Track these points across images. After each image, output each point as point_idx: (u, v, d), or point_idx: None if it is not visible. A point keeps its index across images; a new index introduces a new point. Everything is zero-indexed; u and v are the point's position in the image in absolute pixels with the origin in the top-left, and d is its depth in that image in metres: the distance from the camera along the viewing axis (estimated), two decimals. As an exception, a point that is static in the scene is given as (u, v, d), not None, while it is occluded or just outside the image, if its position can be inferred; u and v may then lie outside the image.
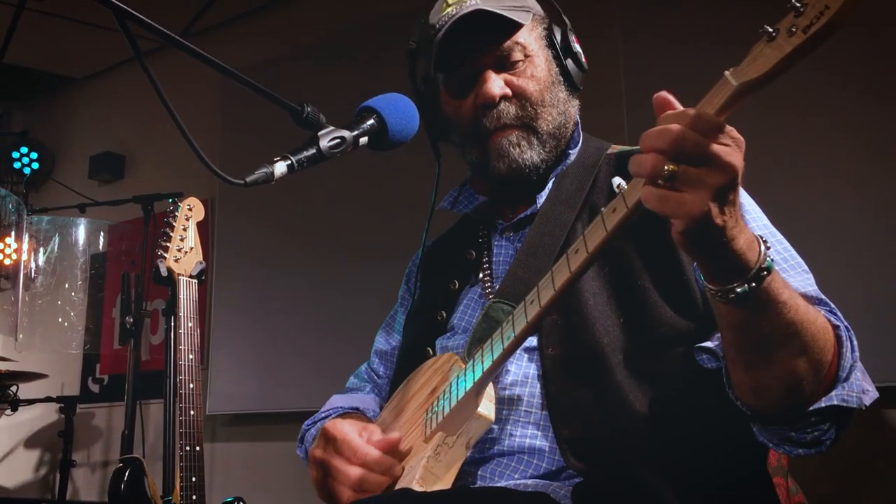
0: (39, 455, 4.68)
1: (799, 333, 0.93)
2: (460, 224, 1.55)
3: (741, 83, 0.80)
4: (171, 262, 2.23)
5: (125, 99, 4.84)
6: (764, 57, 0.79)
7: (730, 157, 0.82)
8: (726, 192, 0.82)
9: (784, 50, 0.77)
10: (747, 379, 0.99)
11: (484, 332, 1.21)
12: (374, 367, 1.59)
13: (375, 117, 1.22)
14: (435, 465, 1.12)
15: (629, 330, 1.18)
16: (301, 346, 3.71)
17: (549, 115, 1.33)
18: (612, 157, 1.37)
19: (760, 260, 0.88)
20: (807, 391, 0.96)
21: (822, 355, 0.96)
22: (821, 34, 0.75)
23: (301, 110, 1.15)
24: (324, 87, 3.66)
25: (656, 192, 0.83)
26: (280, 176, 1.11)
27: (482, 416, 1.10)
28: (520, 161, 1.32)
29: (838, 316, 1.04)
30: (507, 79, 1.32)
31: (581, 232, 1.26)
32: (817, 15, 0.75)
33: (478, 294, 1.37)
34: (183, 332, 2.12)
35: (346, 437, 1.18)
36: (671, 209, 0.82)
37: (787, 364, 0.95)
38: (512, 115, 1.31)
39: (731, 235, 0.85)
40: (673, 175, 0.81)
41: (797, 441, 1.00)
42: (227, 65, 1.07)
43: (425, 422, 1.20)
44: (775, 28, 0.79)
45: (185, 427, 2.02)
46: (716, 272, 0.90)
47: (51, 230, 4.17)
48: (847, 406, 0.96)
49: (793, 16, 0.77)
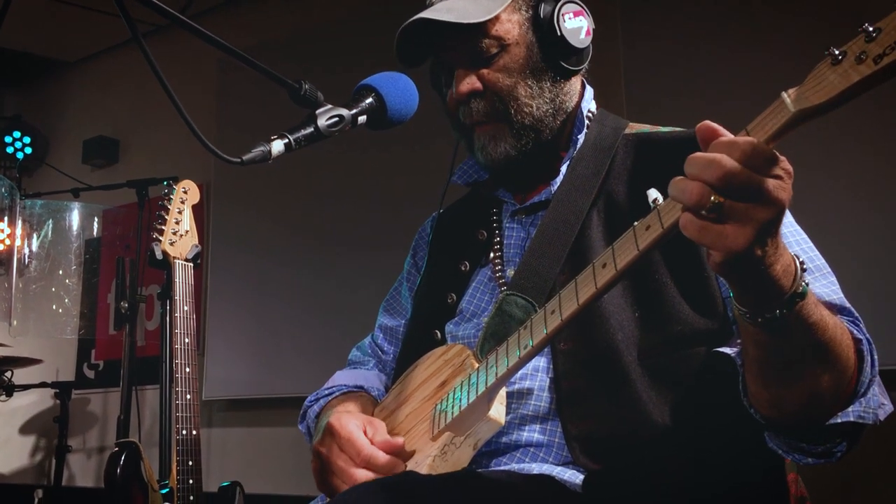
0: (35, 441, 4.67)
1: (825, 354, 0.91)
2: (471, 198, 1.51)
3: (800, 110, 0.74)
4: (167, 246, 2.21)
5: (119, 83, 4.81)
6: (828, 83, 0.72)
7: (779, 193, 0.77)
8: (771, 226, 0.79)
9: (851, 79, 0.70)
10: (766, 393, 0.97)
11: (497, 328, 1.19)
12: (378, 342, 1.57)
13: (374, 96, 1.20)
14: (441, 464, 1.11)
15: (644, 326, 1.15)
16: (297, 331, 3.70)
17: (525, 107, 1.28)
18: (630, 139, 1.32)
19: (795, 285, 0.84)
20: (825, 408, 0.95)
21: (845, 373, 0.94)
22: (894, 67, 0.67)
23: (299, 87, 1.13)
24: (323, 70, 3.64)
25: (697, 223, 0.78)
26: (277, 154, 1.09)
27: (492, 419, 1.08)
28: (493, 155, 1.30)
29: (860, 328, 1.02)
30: (479, 72, 1.28)
31: (596, 220, 1.24)
32: (891, 45, 0.67)
33: (487, 277, 1.35)
34: (179, 316, 2.10)
35: (351, 436, 1.16)
36: (711, 241, 0.79)
37: (809, 382, 0.93)
38: (482, 112, 1.29)
39: (769, 262, 0.81)
40: (718, 208, 0.77)
41: (807, 451, 0.99)
42: (221, 56, 1.05)
43: (433, 418, 1.17)
44: (842, 51, 0.71)
45: (181, 411, 2.01)
46: (748, 296, 0.86)
47: (44, 215, 4.14)
48: (862, 422, 0.95)
49: (863, 40, 0.69)
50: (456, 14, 1.24)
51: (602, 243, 1.23)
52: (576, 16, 1.30)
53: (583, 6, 1.32)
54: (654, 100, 2.84)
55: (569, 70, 1.31)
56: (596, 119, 1.37)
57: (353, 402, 1.36)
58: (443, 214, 1.55)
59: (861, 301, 2.20)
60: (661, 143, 1.30)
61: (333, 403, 1.39)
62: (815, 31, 2.52)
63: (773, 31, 2.61)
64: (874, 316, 2.20)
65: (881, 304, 2.29)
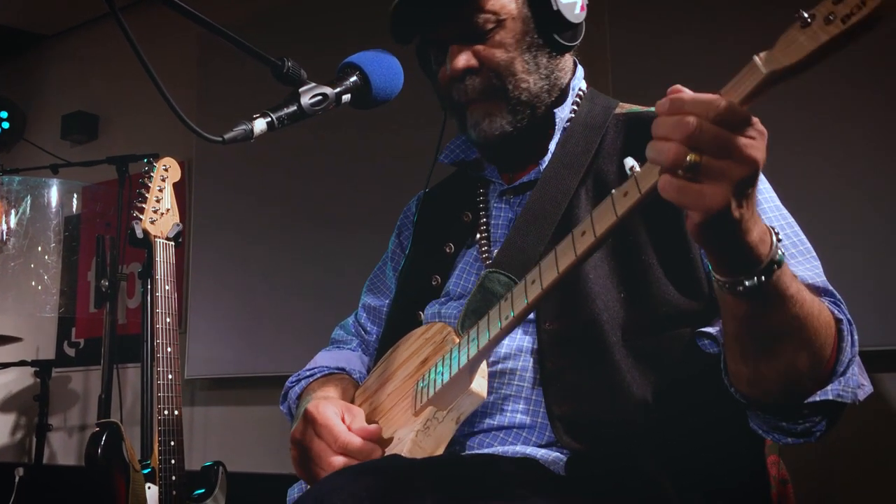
0: (15, 419, 4.64)
1: (802, 328, 0.92)
2: (457, 177, 1.50)
3: (771, 71, 0.75)
4: (147, 224, 2.18)
5: (98, 57, 4.72)
6: (797, 44, 0.73)
7: (753, 151, 0.79)
8: (747, 185, 0.80)
9: (819, 39, 0.72)
10: (745, 370, 0.98)
11: (479, 304, 1.19)
12: (361, 322, 1.56)
13: (358, 74, 1.19)
14: (424, 438, 1.11)
15: (630, 306, 1.15)
16: (280, 310, 3.68)
17: (522, 83, 1.27)
18: (620, 119, 1.32)
19: (772, 253, 0.86)
20: (804, 385, 0.96)
21: (823, 350, 0.95)
22: (860, 25, 0.69)
23: (282, 65, 1.11)
24: (307, 46, 3.60)
25: (675, 183, 0.80)
26: (259, 133, 1.08)
27: (474, 392, 1.08)
28: (489, 131, 1.28)
29: (842, 308, 1.03)
30: (475, 48, 1.27)
31: (584, 198, 1.24)
32: (858, 4, 0.69)
33: (473, 258, 1.34)
34: (160, 296, 2.08)
35: (328, 423, 1.16)
36: (690, 201, 0.80)
37: (787, 358, 0.94)
38: (478, 89, 1.27)
39: (746, 228, 0.83)
40: (695, 166, 0.78)
41: (787, 430, 1.00)
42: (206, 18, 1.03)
43: (415, 394, 1.17)
44: (811, 13, 0.73)
45: (163, 391, 1.99)
46: (726, 264, 0.88)
47: (22, 191, 4.07)
48: (841, 401, 0.96)
49: (831, 1, 0.71)
50: None
51: None
52: None
53: None
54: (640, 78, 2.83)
55: (564, 45, 1.30)
56: (586, 98, 1.36)
57: (334, 385, 1.36)
58: (428, 194, 1.54)
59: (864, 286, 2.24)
60: (651, 122, 1.29)
61: (314, 387, 1.39)
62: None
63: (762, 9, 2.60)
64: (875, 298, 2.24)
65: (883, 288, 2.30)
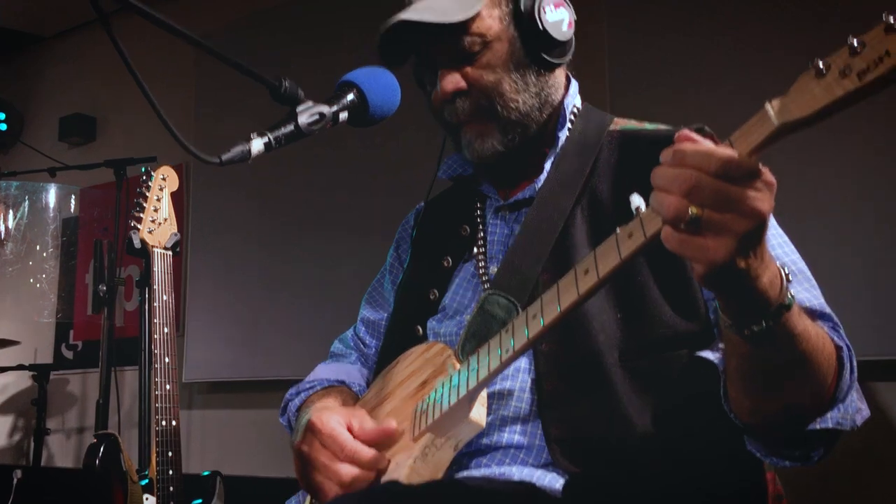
0: (13, 421, 4.64)
1: (807, 364, 0.91)
2: (455, 191, 1.50)
3: (784, 122, 0.72)
4: (145, 234, 2.18)
5: (96, 58, 4.70)
6: (811, 95, 0.70)
7: (759, 204, 0.75)
8: (752, 237, 0.77)
9: (834, 93, 0.69)
10: (747, 401, 0.98)
11: (479, 328, 1.19)
12: (360, 335, 1.56)
13: (356, 92, 1.18)
14: (422, 465, 1.10)
15: (626, 327, 1.14)
16: (277, 314, 3.68)
17: (511, 102, 1.27)
18: (614, 136, 1.31)
19: (781, 296, 0.84)
20: (805, 415, 0.96)
21: (825, 382, 0.95)
22: (878, 84, 0.66)
23: (279, 85, 1.10)
24: (306, 47, 3.60)
25: (677, 236, 0.77)
26: (257, 154, 1.08)
27: (473, 421, 1.08)
28: (481, 151, 1.29)
29: (841, 334, 1.03)
30: (463, 70, 1.27)
31: (580, 218, 1.24)
32: (876, 60, 0.66)
33: (470, 273, 1.34)
34: (157, 306, 2.08)
35: (333, 432, 1.16)
36: (692, 254, 0.78)
37: (791, 392, 0.94)
38: (468, 111, 1.27)
39: (754, 275, 0.80)
40: (696, 221, 0.76)
41: (785, 455, 1.00)
42: (202, 31, 1.03)
43: (414, 418, 1.17)
44: (826, 63, 0.69)
45: (160, 402, 1.99)
46: (733, 309, 0.86)
47: (20, 196, 4.06)
48: (840, 429, 0.96)
49: (847, 53, 0.68)
50: (436, 13, 1.23)
51: (585, 243, 1.22)
52: (556, 7, 1.27)
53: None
54: (638, 79, 2.83)
55: (552, 63, 1.30)
56: (581, 115, 1.36)
57: (334, 397, 1.36)
58: (427, 207, 1.54)
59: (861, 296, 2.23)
60: (645, 141, 1.29)
61: (314, 399, 1.39)
62: (800, 19, 2.51)
63: (760, 18, 2.60)
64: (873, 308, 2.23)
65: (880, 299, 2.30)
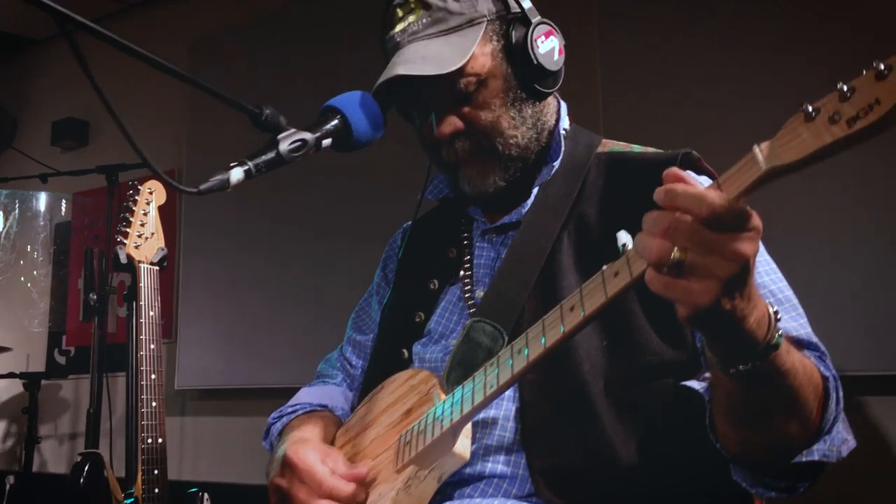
0: (6, 427, 4.62)
1: (795, 399, 0.91)
2: (442, 211, 1.50)
3: (772, 167, 0.71)
4: (131, 249, 2.15)
5: (89, 62, 4.65)
6: (800, 140, 0.69)
7: (744, 248, 0.74)
8: (737, 280, 0.76)
9: (823, 140, 0.67)
10: (734, 435, 0.97)
11: (464, 356, 1.18)
12: (346, 356, 1.55)
13: (339, 118, 1.17)
14: (405, 497, 1.10)
15: (612, 355, 1.13)
16: (270, 321, 3.66)
17: (511, 139, 1.26)
18: (602, 158, 1.31)
19: (769, 337, 0.82)
20: (791, 447, 0.95)
21: (812, 414, 0.94)
22: (867, 132, 0.64)
23: (259, 113, 1.09)
24: (306, 47, 3.58)
25: (661, 279, 0.76)
26: (236, 183, 1.08)
27: (457, 454, 1.07)
28: (483, 188, 1.28)
29: (827, 363, 1.02)
30: (460, 111, 1.26)
31: (567, 243, 1.23)
32: (866, 108, 0.64)
33: (456, 297, 1.33)
34: (144, 322, 2.06)
35: (311, 468, 1.15)
36: (676, 297, 0.77)
37: (778, 426, 0.93)
38: (468, 150, 1.27)
39: (740, 316, 0.79)
40: (679, 264, 0.74)
41: (771, 486, 0.99)
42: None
43: (398, 448, 1.16)
44: (815, 107, 0.68)
45: (146, 419, 1.97)
46: (719, 350, 0.85)
47: (10, 204, 4.03)
48: (826, 461, 0.95)
49: (837, 98, 0.66)
50: (432, 63, 1.21)
51: (572, 269, 1.21)
52: (547, 37, 1.27)
53: (551, 24, 1.29)
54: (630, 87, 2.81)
55: (545, 93, 1.30)
56: (569, 137, 1.35)
57: (314, 424, 1.35)
58: (413, 227, 1.53)
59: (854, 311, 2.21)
60: (632, 165, 1.28)
61: (295, 424, 1.38)
62: (792, 30, 2.50)
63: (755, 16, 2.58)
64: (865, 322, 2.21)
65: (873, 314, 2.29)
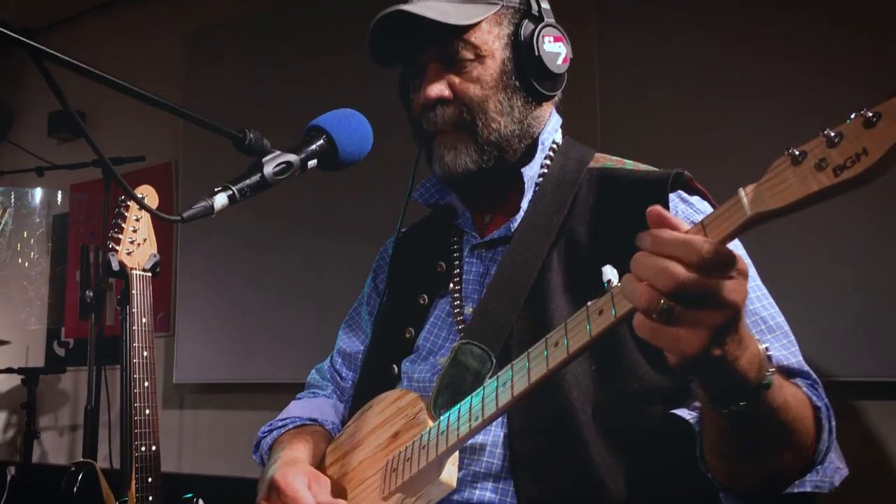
0: (6, 418, 4.63)
1: (787, 433, 0.90)
2: (432, 221, 1.48)
3: (756, 213, 0.69)
4: (123, 256, 2.14)
5: (85, 52, 4.62)
6: (786, 186, 0.67)
7: (733, 295, 0.73)
8: (727, 327, 0.74)
9: (810, 187, 0.65)
10: (726, 468, 0.96)
11: (452, 379, 1.17)
12: (337, 368, 1.55)
13: (325, 138, 1.16)
14: None
15: (600, 381, 1.12)
16: (268, 316, 3.66)
17: (492, 122, 1.25)
18: (594, 174, 1.29)
19: (760, 377, 0.81)
20: (783, 479, 0.94)
21: (804, 446, 0.94)
22: (854, 182, 0.62)
23: (243, 137, 1.08)
24: (306, 47, 3.56)
25: (649, 325, 0.75)
26: (221, 208, 1.07)
27: (444, 482, 1.07)
28: (452, 167, 1.26)
29: (819, 392, 1.01)
30: (450, 79, 1.25)
31: (556, 262, 1.22)
32: (853, 158, 0.62)
33: (446, 312, 1.33)
34: (136, 329, 2.05)
35: (297, 495, 1.15)
36: (665, 344, 0.75)
37: (769, 459, 0.92)
38: (448, 120, 1.25)
39: (731, 359, 0.78)
40: (668, 312, 0.72)
41: None
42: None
43: (385, 474, 1.16)
44: (801, 152, 0.66)
45: (139, 427, 1.97)
46: (710, 390, 0.84)
47: (5, 201, 4.02)
48: (818, 492, 0.94)
49: (825, 144, 0.64)
50: (437, 13, 1.21)
51: (561, 289, 1.20)
52: (556, 41, 1.27)
53: (563, 33, 1.29)
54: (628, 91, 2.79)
55: (541, 94, 1.28)
56: (560, 151, 1.33)
57: (304, 441, 1.35)
58: (403, 236, 1.52)
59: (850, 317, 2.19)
60: (624, 182, 1.27)
61: (285, 440, 1.38)
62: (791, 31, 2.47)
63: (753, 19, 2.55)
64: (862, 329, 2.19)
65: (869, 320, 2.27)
